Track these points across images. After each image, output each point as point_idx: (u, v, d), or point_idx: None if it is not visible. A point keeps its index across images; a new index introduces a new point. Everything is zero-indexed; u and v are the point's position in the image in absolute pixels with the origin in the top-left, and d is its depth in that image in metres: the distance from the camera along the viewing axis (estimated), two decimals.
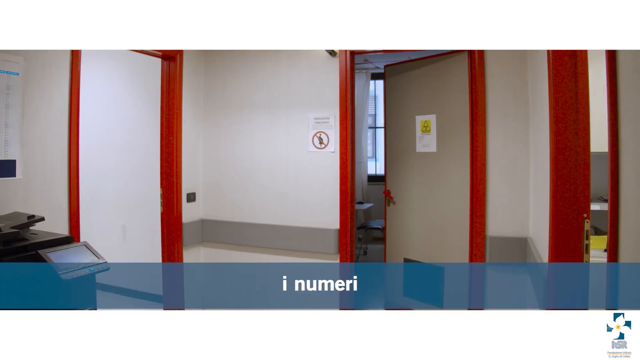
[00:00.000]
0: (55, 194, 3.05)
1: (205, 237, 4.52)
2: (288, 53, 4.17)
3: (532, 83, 3.37)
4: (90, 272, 2.20)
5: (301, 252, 4.20)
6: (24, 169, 2.85)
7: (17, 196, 2.81)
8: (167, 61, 4.11)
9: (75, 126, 3.12)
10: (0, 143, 2.72)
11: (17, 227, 2.26)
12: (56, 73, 3.04)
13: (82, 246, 2.34)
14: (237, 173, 4.43)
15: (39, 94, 2.95)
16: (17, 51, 2.78)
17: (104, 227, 5.03)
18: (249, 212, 4.38)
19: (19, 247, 2.15)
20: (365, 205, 7.37)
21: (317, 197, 4.14)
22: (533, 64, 3.26)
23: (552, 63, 2.21)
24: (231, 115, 4.42)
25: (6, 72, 2.70)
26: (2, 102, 2.71)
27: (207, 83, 4.48)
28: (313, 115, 4.14)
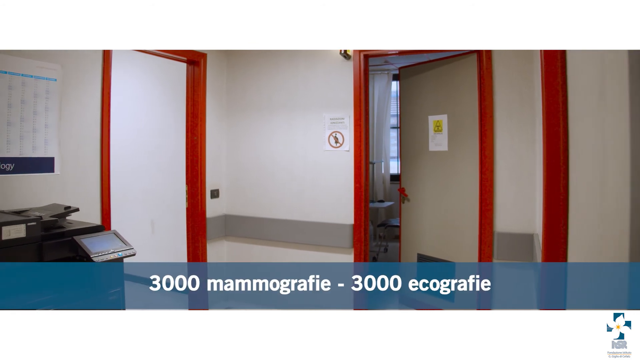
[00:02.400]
0: (89, 188, 3.33)
1: (228, 231, 4.76)
2: (305, 57, 4.39)
3: (537, 83, 3.50)
4: (118, 256, 2.46)
5: (317, 247, 4.40)
6: (61, 166, 3.14)
7: (55, 189, 3.10)
8: (192, 66, 4.37)
9: (106, 127, 3.41)
10: (40, 142, 3.02)
11: (55, 216, 2.54)
12: (89, 79, 3.33)
13: (111, 234, 2.60)
14: (257, 171, 4.66)
15: (74, 97, 3.24)
16: (55, 58, 3.07)
17: (135, 222, 5.34)
18: (268, 208, 4.61)
19: (57, 233, 2.42)
20: (387, 203, 7.52)
21: (333, 194, 4.34)
22: (538, 65, 3.39)
23: (543, 62, 2.35)
24: (252, 116, 4.66)
25: (46, 79, 3.01)
26: (42, 105, 3.01)
27: (229, 86, 4.73)
28: (329, 116, 4.34)
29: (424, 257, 4.44)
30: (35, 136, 2.99)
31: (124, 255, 2.49)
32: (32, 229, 2.30)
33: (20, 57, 2.88)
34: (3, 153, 2.83)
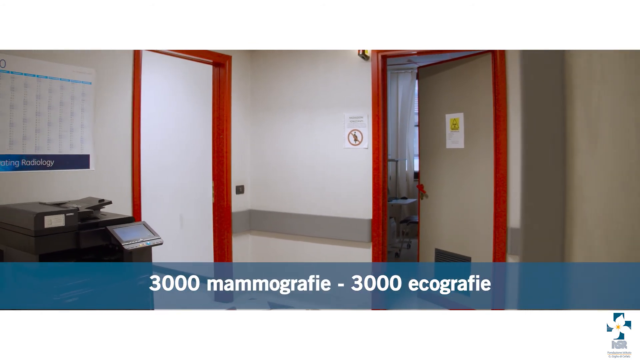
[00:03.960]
0: (121, 183, 3.58)
1: (252, 225, 4.96)
2: (325, 58, 4.55)
3: None
4: (147, 244, 2.68)
5: (337, 240, 4.57)
6: (95, 162, 3.39)
7: (90, 184, 3.34)
8: (218, 68, 4.59)
9: (137, 127, 3.65)
10: (77, 140, 3.27)
11: (90, 208, 2.77)
12: (121, 82, 3.57)
13: (141, 224, 2.82)
14: (280, 167, 4.84)
15: (107, 99, 3.48)
16: (90, 63, 3.32)
17: (165, 217, 5.59)
18: (291, 203, 4.78)
19: (91, 223, 2.65)
20: (410, 200, 7.63)
21: (352, 190, 4.50)
22: None
23: None
24: (275, 115, 4.84)
25: (81, 82, 3.26)
26: (78, 107, 3.26)
27: (253, 86, 4.93)
28: (348, 115, 4.50)
29: (441, 253, 4.55)
30: (72, 135, 3.24)
31: (152, 244, 2.70)
32: (70, 219, 2.53)
33: (59, 63, 3.14)
34: (44, 151, 3.09)
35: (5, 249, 2.62)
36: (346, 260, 4.56)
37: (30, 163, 3.04)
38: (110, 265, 2.70)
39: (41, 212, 2.44)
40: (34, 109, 3.04)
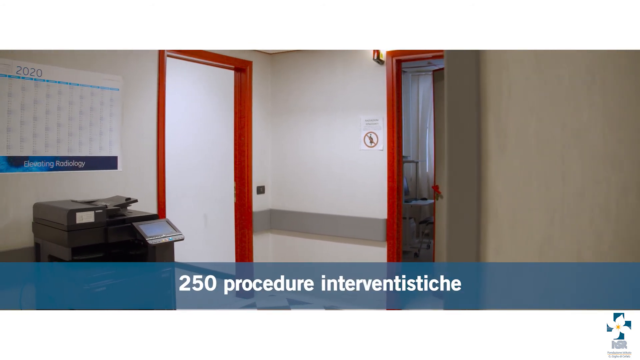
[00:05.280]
0: (147, 183, 3.80)
1: (273, 224, 5.13)
2: (342, 63, 4.70)
3: None
4: (169, 240, 2.87)
5: (353, 239, 4.71)
6: (123, 163, 3.61)
7: (118, 184, 3.56)
8: (239, 73, 4.79)
9: (162, 130, 3.86)
10: (106, 143, 3.50)
11: (118, 205, 2.97)
12: (147, 88, 3.77)
13: (164, 221, 3.02)
14: (299, 169, 4.99)
15: (133, 104, 3.70)
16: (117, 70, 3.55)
17: (190, 216, 5.82)
18: (309, 203, 4.93)
19: (119, 219, 2.85)
20: (429, 201, 7.71)
21: (368, 190, 4.63)
22: None
23: None
24: (294, 118, 5.01)
25: (110, 89, 3.49)
26: (107, 111, 3.50)
27: (273, 90, 5.11)
28: (364, 117, 4.64)
29: None
30: (102, 138, 3.47)
31: (174, 239, 2.89)
32: (99, 216, 2.74)
33: (89, 71, 3.37)
34: (76, 152, 3.33)
35: (42, 242, 2.85)
36: (362, 258, 4.69)
37: (63, 164, 3.27)
38: (136, 258, 2.91)
39: (73, 209, 2.65)
40: (66, 114, 3.28)
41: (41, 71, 3.12)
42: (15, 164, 3.03)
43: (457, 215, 0.96)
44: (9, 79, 2.98)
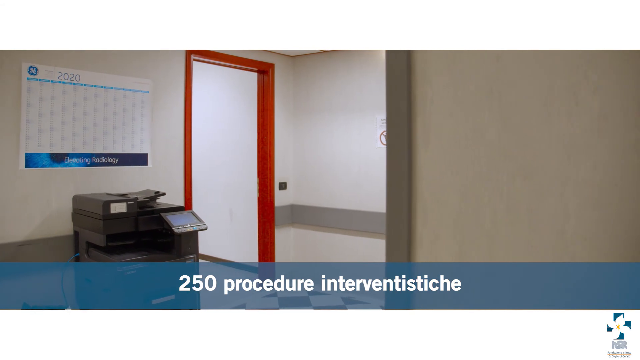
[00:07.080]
0: (174, 178, 4.08)
1: (294, 219, 5.35)
2: (360, 65, 4.89)
3: None
4: (193, 229, 3.14)
5: (370, 233, 4.88)
6: (152, 160, 3.91)
7: (148, 178, 3.84)
8: (262, 75, 5.04)
9: (189, 129, 4.15)
10: (137, 141, 3.80)
11: (147, 198, 3.26)
12: (174, 91, 4.04)
13: (189, 213, 3.29)
14: (319, 166, 5.16)
15: (162, 105, 3.98)
16: (147, 74, 3.84)
17: (216, 211, 6.10)
18: (328, 198, 5.11)
19: (148, 210, 3.13)
20: None
21: (384, 186, 4.80)
22: None
23: None
24: (314, 118, 5.18)
25: (140, 91, 3.79)
26: (138, 112, 3.80)
27: (294, 91, 5.32)
28: (380, 117, 4.81)
29: None
30: (133, 137, 3.77)
31: (198, 229, 3.16)
32: (131, 207, 3.03)
33: (122, 75, 3.67)
34: (110, 150, 3.63)
35: (80, 230, 3.16)
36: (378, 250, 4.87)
37: (99, 160, 3.57)
38: (163, 245, 3.19)
39: (107, 200, 2.94)
40: (102, 115, 3.59)
41: (79, 76, 3.43)
42: (57, 160, 3.34)
43: (394, 196, 1.19)
44: (51, 84, 3.30)
